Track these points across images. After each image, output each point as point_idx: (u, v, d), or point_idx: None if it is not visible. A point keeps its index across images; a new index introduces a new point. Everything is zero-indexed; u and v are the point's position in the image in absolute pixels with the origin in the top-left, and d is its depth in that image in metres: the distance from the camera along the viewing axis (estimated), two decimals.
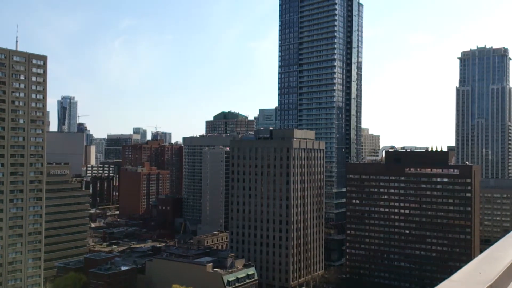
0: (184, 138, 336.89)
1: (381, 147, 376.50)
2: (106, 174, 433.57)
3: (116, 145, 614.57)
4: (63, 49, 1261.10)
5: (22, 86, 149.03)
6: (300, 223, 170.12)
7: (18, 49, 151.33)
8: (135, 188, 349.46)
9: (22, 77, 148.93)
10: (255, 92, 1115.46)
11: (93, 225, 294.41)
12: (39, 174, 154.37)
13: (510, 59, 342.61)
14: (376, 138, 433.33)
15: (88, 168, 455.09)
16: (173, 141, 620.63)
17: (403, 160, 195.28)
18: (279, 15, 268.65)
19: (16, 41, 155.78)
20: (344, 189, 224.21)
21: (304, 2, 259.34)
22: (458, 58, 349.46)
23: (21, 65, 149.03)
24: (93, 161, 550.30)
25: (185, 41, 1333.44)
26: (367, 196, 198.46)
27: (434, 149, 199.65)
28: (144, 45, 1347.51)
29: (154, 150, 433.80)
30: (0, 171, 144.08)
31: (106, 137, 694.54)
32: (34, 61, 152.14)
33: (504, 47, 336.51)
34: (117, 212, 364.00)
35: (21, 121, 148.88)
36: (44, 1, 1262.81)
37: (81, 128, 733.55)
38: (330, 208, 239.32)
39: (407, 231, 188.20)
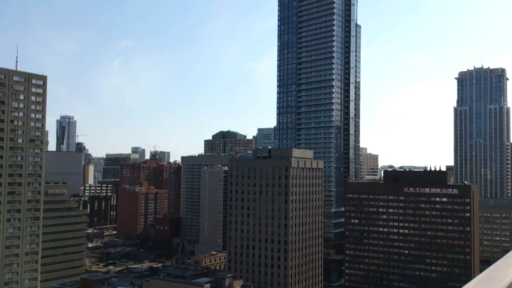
0: (182, 157, 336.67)
1: (379, 166, 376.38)
2: (104, 194, 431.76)
3: (114, 164, 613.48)
4: (63, 69, 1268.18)
5: (21, 105, 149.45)
6: (298, 243, 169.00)
7: (18, 69, 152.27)
8: (133, 208, 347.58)
9: (21, 97, 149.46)
10: (254, 112, 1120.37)
11: (90, 245, 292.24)
12: (37, 193, 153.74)
13: (507, 79, 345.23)
14: (375, 158, 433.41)
15: (86, 188, 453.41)
16: (171, 160, 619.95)
17: (401, 179, 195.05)
18: (278, 36, 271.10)
19: (16, 61, 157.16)
20: (343, 209, 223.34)
21: (302, 23, 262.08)
22: (456, 78, 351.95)
23: (21, 85, 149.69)
24: (91, 180, 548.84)
25: (183, 61, 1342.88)
26: (366, 215, 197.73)
27: (432, 169, 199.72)
28: (142, 65, 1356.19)
29: (153, 169, 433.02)
30: None
31: (105, 157, 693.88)
32: (33, 81, 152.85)
33: (501, 68, 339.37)
34: (115, 232, 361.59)
35: (20, 140, 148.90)
36: (43, 22, 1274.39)
37: (80, 147, 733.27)
38: (329, 227, 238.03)
39: (406, 251, 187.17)
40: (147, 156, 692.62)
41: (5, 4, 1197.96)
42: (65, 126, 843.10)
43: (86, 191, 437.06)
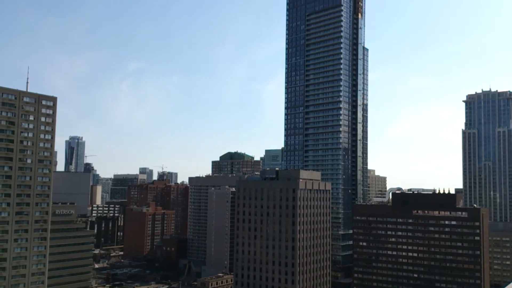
0: (190, 178, 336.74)
1: (387, 188, 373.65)
2: (112, 214, 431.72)
3: (122, 185, 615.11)
4: (72, 91, 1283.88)
5: (31, 126, 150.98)
6: (306, 266, 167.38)
7: (29, 90, 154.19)
8: (140, 228, 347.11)
9: (31, 118, 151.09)
10: (261, 133, 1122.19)
11: (96, 266, 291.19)
12: (45, 214, 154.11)
13: None
14: (383, 180, 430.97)
15: (94, 208, 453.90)
16: (179, 181, 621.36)
17: (410, 202, 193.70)
18: (286, 58, 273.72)
19: (27, 83, 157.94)
20: (351, 231, 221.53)
21: (310, 46, 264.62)
22: (464, 101, 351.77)
23: (31, 105, 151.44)
24: (98, 201, 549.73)
25: (191, 83, 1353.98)
26: (375, 238, 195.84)
27: (441, 191, 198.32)
28: (151, 87, 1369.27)
29: (160, 190, 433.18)
30: (6, 210, 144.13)
31: (113, 177, 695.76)
32: (44, 102, 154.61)
33: (509, 91, 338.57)
34: (121, 253, 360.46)
35: (29, 161, 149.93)
36: (54, 44, 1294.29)
37: (88, 168, 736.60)
38: (336, 250, 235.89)
39: (415, 275, 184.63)
40: (155, 177, 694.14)
41: (17, 27, 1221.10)
42: (74, 147, 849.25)
43: (93, 212, 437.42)
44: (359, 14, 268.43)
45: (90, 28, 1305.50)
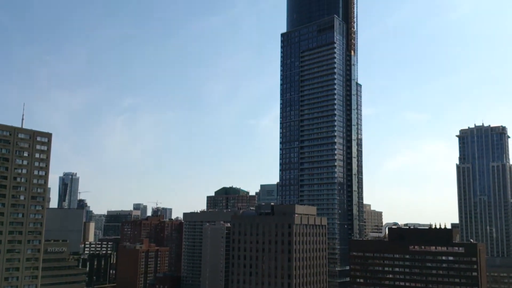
0: (184, 214, 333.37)
1: (384, 223, 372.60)
2: (104, 252, 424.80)
3: (115, 221, 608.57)
4: (67, 127, 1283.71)
5: (25, 162, 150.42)
6: None
7: (24, 127, 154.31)
8: (133, 266, 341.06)
9: (25, 154, 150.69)
10: (256, 168, 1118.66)
11: None
12: (36, 251, 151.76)
13: (508, 137, 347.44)
14: (379, 214, 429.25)
15: (86, 245, 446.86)
16: (173, 216, 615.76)
17: (407, 237, 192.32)
18: (280, 94, 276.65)
19: (22, 119, 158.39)
20: (347, 267, 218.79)
21: (304, 82, 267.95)
22: (457, 136, 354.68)
23: (26, 142, 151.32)
24: (91, 237, 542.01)
25: (186, 118, 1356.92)
26: (372, 275, 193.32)
27: (437, 226, 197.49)
28: (145, 122, 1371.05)
29: (154, 226, 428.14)
30: None
31: (106, 213, 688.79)
32: (38, 138, 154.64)
33: (502, 126, 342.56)
34: None
35: (22, 197, 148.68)
36: (50, 81, 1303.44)
37: (81, 204, 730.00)
38: (333, 287, 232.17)
39: None
40: (149, 213, 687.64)
41: (13, 63, 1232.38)
42: (68, 183, 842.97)
43: (86, 249, 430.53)
44: (352, 51, 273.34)
45: (86, 65, 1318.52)
